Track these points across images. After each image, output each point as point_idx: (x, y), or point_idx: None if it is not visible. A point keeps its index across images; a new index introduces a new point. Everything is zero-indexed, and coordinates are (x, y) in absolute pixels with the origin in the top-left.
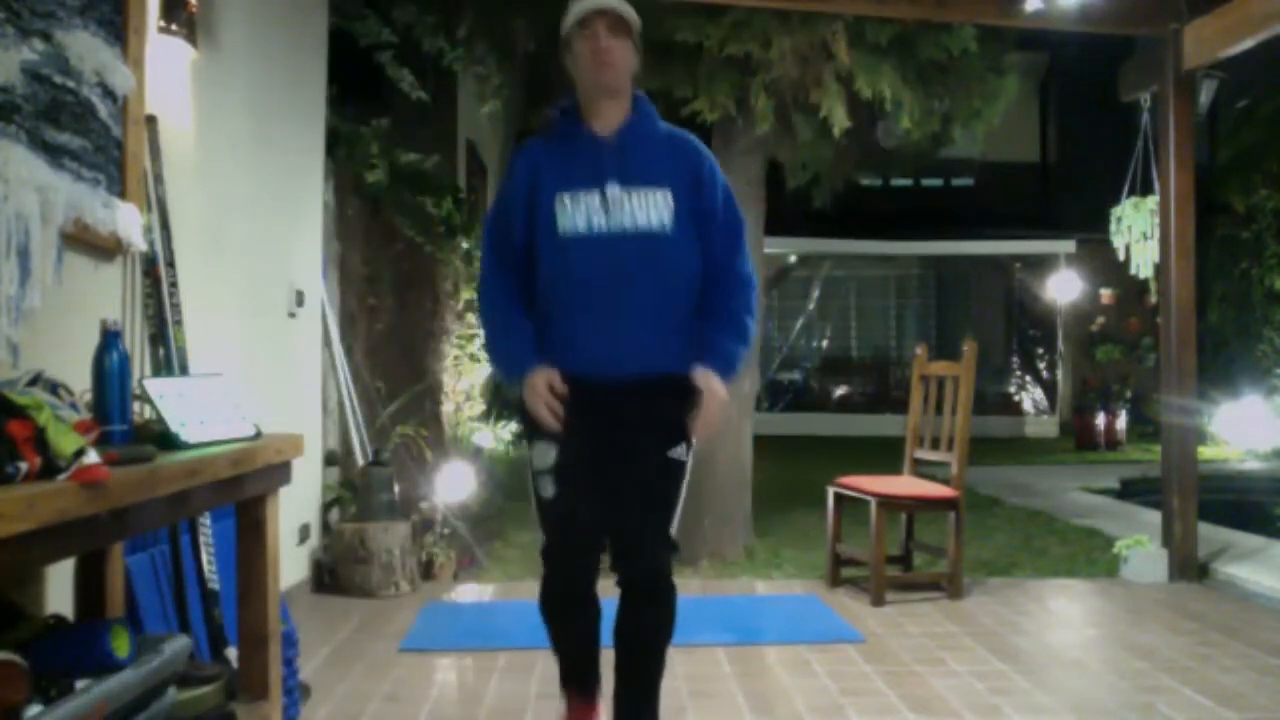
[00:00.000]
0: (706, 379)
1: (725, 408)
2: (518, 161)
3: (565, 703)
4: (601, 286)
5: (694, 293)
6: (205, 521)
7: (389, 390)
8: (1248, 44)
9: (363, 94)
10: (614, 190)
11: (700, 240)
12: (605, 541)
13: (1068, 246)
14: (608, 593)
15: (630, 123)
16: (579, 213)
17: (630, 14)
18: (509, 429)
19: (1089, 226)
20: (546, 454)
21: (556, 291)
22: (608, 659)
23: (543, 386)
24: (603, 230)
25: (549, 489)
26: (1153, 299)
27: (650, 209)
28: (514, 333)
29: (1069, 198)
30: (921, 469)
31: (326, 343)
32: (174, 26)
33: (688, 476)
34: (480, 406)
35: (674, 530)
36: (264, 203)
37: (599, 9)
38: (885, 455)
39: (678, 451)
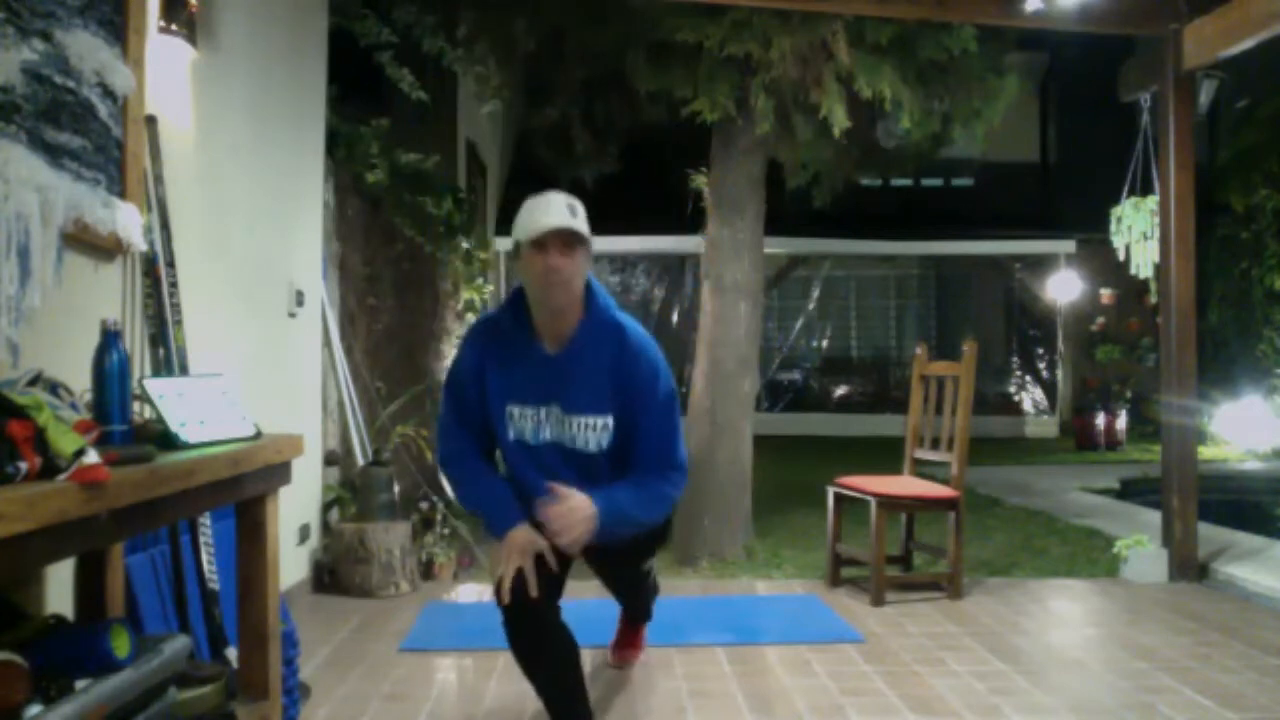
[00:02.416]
0: (579, 499)
1: (586, 523)
2: (467, 352)
3: None
4: (547, 481)
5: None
6: (205, 521)
7: (389, 390)
8: (1248, 44)
9: (363, 94)
10: (556, 412)
11: (635, 430)
12: (560, 585)
13: (1068, 246)
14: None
15: (578, 337)
16: (526, 426)
17: (583, 227)
18: None
19: (1089, 226)
20: None
21: (521, 477)
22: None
23: (519, 554)
24: (545, 442)
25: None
26: (1153, 299)
27: (590, 434)
28: (493, 493)
29: (1069, 198)
30: (921, 469)
31: (326, 343)
32: (174, 26)
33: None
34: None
35: (651, 584)
36: (264, 203)
37: (554, 230)
38: (885, 455)
39: (649, 564)
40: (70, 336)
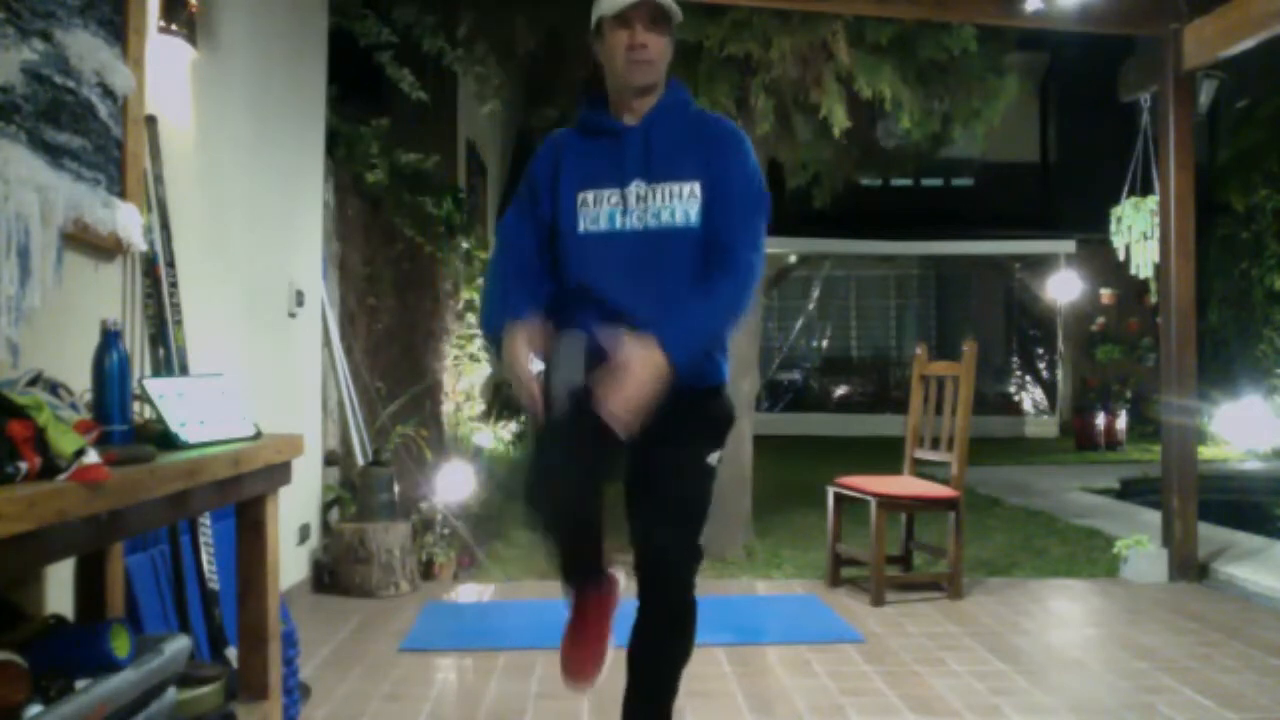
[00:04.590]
0: (642, 345)
1: (649, 388)
2: (542, 151)
3: (570, 599)
4: (624, 287)
5: None
6: (205, 521)
7: (389, 390)
8: (1248, 44)
9: (363, 94)
10: (639, 187)
11: (713, 219)
12: (601, 500)
13: (1068, 246)
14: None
15: (658, 109)
16: (601, 212)
17: (671, 3)
18: (509, 429)
19: (1089, 226)
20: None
21: (577, 291)
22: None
23: (524, 357)
24: (625, 229)
25: (548, 443)
26: (1153, 299)
27: (676, 204)
28: (510, 293)
29: (1069, 198)
30: (921, 469)
31: (326, 343)
32: (174, 26)
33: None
34: (480, 406)
35: (703, 539)
36: (264, 203)
37: (641, 1)
38: (885, 455)
39: (712, 457)
40: (70, 336)
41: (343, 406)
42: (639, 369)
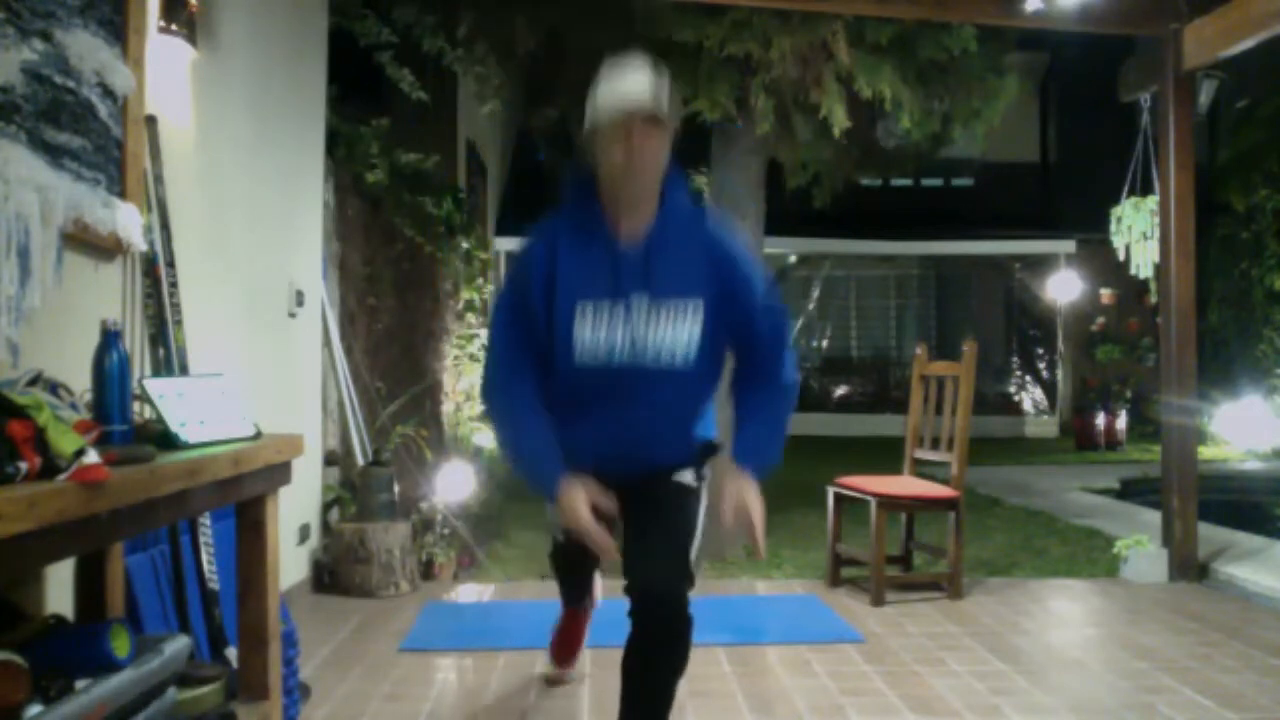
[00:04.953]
0: (745, 484)
1: (761, 506)
2: (534, 249)
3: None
4: (618, 416)
5: (711, 395)
6: (205, 521)
7: (389, 390)
8: (1248, 44)
9: (363, 94)
10: (640, 303)
11: (738, 342)
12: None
13: (1068, 246)
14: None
15: (658, 224)
16: (600, 331)
17: (666, 105)
18: None
19: (1089, 226)
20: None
21: (571, 407)
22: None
23: (585, 511)
24: (624, 361)
25: (562, 536)
26: (1153, 299)
27: (680, 329)
28: (537, 445)
29: (1069, 198)
30: (921, 469)
31: (326, 343)
32: (174, 26)
33: (703, 503)
34: (480, 406)
35: (693, 559)
36: (264, 203)
37: (638, 109)
38: (885, 455)
39: (685, 477)
40: (70, 336)
41: (343, 406)
42: (754, 503)
